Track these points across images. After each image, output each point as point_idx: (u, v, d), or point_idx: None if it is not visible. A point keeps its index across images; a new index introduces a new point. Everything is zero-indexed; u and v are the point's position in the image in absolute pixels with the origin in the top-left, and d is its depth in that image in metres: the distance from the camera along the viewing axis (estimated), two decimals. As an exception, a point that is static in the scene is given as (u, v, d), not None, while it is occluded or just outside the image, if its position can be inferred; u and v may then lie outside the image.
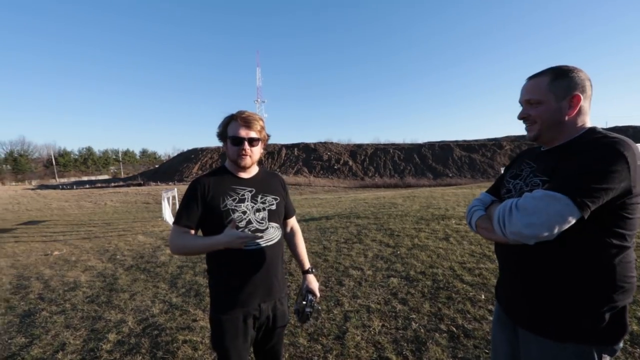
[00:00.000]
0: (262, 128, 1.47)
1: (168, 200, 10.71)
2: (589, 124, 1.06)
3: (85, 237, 7.95)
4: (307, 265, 1.71)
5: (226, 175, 1.48)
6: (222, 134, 1.46)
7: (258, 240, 1.40)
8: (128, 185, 41.45)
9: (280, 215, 1.56)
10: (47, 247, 6.82)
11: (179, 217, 1.39)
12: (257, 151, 1.48)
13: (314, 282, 1.67)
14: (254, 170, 1.54)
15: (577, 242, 0.94)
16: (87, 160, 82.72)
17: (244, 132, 1.40)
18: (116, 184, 46.84)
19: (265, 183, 1.54)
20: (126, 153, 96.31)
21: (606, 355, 0.98)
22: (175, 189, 10.11)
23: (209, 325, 2.89)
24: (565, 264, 0.98)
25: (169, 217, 10.02)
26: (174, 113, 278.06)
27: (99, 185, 45.53)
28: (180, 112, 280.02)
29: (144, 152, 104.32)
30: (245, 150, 1.41)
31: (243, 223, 1.40)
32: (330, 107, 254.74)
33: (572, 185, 0.89)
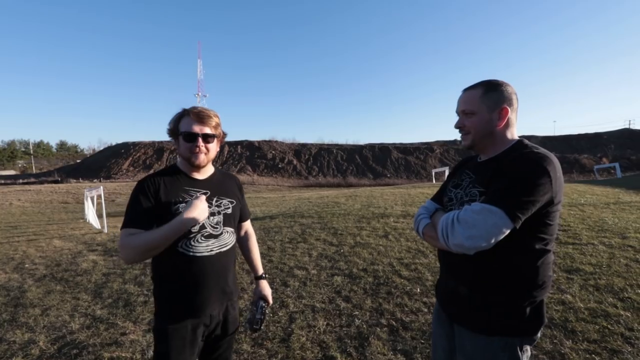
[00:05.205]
0: (218, 124, 1.37)
1: (92, 200, 9.56)
2: (516, 135, 1.18)
3: (-17, 244, 6.74)
4: (261, 270, 1.66)
5: (179, 175, 1.36)
6: (173, 131, 1.34)
7: (211, 246, 1.33)
8: (41, 183, 36.15)
9: (236, 219, 1.48)
10: None
11: (129, 219, 1.22)
12: (212, 148, 1.37)
13: (267, 289, 1.62)
14: (209, 170, 1.44)
15: (507, 248, 1.03)
16: (-14, 153, 70.31)
17: (197, 128, 1.30)
18: (26, 180, 40.60)
19: (221, 185, 1.45)
20: (39, 145, 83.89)
21: (527, 345, 1.10)
22: (102, 187, 9.01)
23: (140, 339, 2.64)
24: (496, 268, 1.08)
25: (93, 218, 8.96)
26: (102, 105, 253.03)
27: (3, 182, 39.00)
28: (110, 104, 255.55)
29: (62, 145, 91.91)
30: (199, 147, 1.31)
31: (196, 228, 1.30)
32: (275, 106, 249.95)
33: (505, 198, 0.97)
